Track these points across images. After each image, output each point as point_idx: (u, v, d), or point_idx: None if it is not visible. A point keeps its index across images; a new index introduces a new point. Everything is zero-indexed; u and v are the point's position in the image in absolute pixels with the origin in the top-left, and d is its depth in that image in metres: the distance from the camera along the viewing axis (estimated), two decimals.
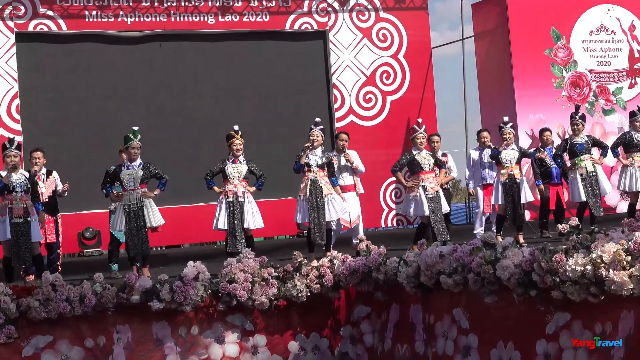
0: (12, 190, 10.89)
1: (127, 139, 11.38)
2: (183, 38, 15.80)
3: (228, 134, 11.79)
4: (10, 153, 11.00)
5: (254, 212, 11.76)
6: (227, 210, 11.57)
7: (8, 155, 11.00)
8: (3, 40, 14.48)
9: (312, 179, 11.87)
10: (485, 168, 13.91)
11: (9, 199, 10.90)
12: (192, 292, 9.41)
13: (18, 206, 10.87)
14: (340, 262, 10.11)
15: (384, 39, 16.95)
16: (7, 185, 10.82)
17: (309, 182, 11.87)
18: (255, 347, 9.87)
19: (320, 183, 11.90)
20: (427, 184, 12.35)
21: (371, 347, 10.06)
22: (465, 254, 8.45)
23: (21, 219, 10.85)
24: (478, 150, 14.22)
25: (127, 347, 9.40)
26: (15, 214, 10.84)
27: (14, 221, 10.82)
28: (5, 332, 8.92)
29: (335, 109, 16.54)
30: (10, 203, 10.89)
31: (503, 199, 12.64)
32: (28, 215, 10.94)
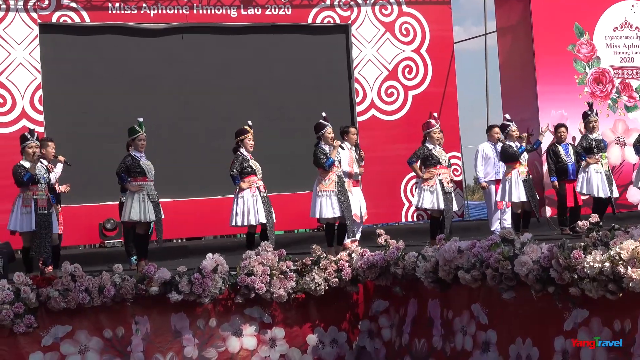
0: (37, 182, 10.89)
1: (133, 131, 11.36)
2: (205, 31, 15.83)
3: (241, 129, 11.81)
4: (31, 144, 10.97)
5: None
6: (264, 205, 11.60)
7: (30, 147, 10.96)
8: (27, 32, 14.55)
9: (338, 174, 11.89)
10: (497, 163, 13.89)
11: (34, 190, 10.88)
12: (210, 285, 9.43)
13: (42, 197, 10.85)
14: (359, 256, 10.12)
15: (406, 34, 16.92)
16: (34, 177, 10.83)
17: (336, 178, 11.86)
18: (273, 340, 9.89)
19: (343, 178, 11.96)
20: (444, 178, 12.34)
21: (389, 341, 10.06)
22: (484, 249, 8.42)
23: (45, 211, 10.87)
24: (492, 145, 14.18)
25: (146, 338, 9.43)
26: (40, 205, 10.84)
27: (40, 213, 10.83)
28: (25, 322, 8.96)
29: (357, 103, 16.54)
30: (35, 194, 10.90)
31: (526, 195, 12.61)
32: (50, 206, 10.97)
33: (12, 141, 13.81)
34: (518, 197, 12.71)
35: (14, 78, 14.42)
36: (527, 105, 16.49)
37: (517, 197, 12.72)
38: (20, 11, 14.48)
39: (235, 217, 11.72)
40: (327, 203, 11.87)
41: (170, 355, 9.50)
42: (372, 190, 15.00)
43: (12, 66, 14.43)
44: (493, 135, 14.12)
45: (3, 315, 8.85)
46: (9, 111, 14.37)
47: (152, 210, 11.20)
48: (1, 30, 14.37)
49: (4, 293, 8.93)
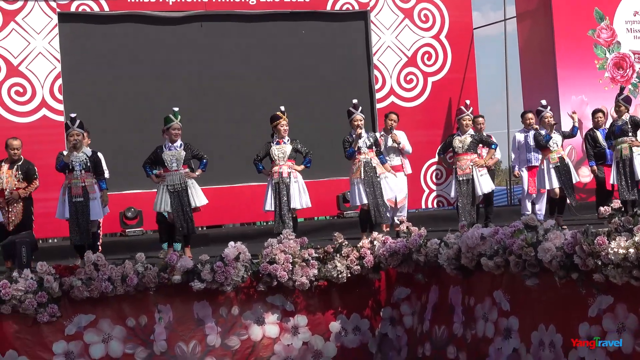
0: (72, 170, 10.94)
1: (167, 120, 11.40)
2: (224, 19, 15.79)
3: (274, 115, 11.80)
4: (72, 132, 11.03)
5: (300, 191, 11.81)
6: (272, 192, 11.60)
7: (71, 134, 11.03)
8: (46, 21, 14.56)
9: (364, 161, 11.89)
10: (530, 150, 13.85)
11: (69, 177, 10.98)
12: (232, 273, 9.44)
13: (77, 185, 10.93)
14: (381, 244, 10.11)
15: (425, 20, 16.85)
16: (67, 164, 10.88)
17: (362, 164, 11.87)
18: (295, 328, 9.89)
19: (373, 163, 11.94)
20: (458, 166, 12.40)
21: (410, 328, 10.06)
22: (507, 236, 8.39)
23: (81, 198, 10.91)
24: (523, 133, 14.16)
25: (168, 326, 9.46)
26: (74, 192, 10.90)
27: (74, 200, 10.89)
28: (49, 311, 9.01)
29: (376, 90, 16.49)
30: (69, 182, 10.96)
31: (558, 182, 12.58)
32: (87, 194, 11.00)
33: (33, 130, 13.96)
34: (550, 184, 12.69)
35: (33, 67, 14.43)
36: (547, 90, 16.39)
37: (549, 184, 12.70)
38: (40, 0, 14.49)
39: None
40: (355, 190, 11.96)
41: (193, 343, 9.53)
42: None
43: (31, 55, 14.44)
44: (525, 122, 14.13)
45: (27, 305, 8.90)
46: (29, 100, 14.39)
47: (168, 202, 11.22)
48: (20, 20, 14.37)
49: (28, 282, 8.97)
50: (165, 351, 9.42)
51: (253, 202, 14.57)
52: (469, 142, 12.49)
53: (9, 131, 13.11)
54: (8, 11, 14.31)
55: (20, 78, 14.34)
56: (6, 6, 14.29)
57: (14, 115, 14.25)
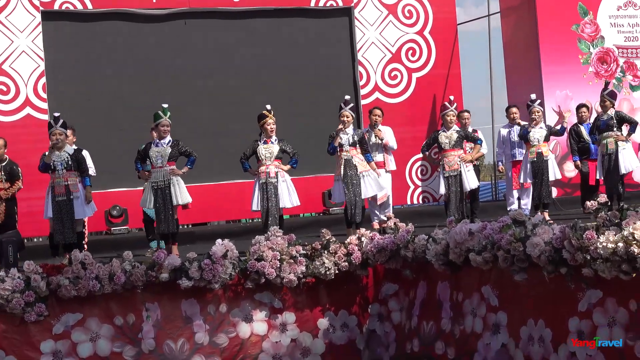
0: (54, 169, 10.91)
1: (156, 117, 11.31)
2: (208, 16, 15.76)
3: (260, 114, 11.71)
4: (55, 131, 10.98)
5: (289, 190, 11.73)
6: (259, 192, 11.52)
7: (53, 134, 10.98)
8: (29, 19, 14.48)
9: (345, 158, 11.83)
10: (515, 145, 13.87)
11: (52, 177, 10.96)
12: (220, 270, 9.42)
13: (59, 184, 10.89)
14: (369, 240, 10.10)
15: (409, 16, 16.86)
16: (49, 165, 10.83)
17: (343, 162, 11.84)
18: (284, 325, 9.88)
19: (354, 161, 11.86)
20: (445, 162, 12.38)
21: (399, 324, 10.06)
22: (495, 231, 8.40)
23: (64, 197, 10.87)
24: (507, 127, 14.19)
25: (157, 324, 9.44)
26: (57, 192, 10.86)
27: (57, 200, 10.85)
28: (36, 310, 8.97)
29: (361, 86, 16.50)
30: (52, 182, 10.93)
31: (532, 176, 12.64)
32: (70, 193, 10.95)
33: (17, 129, 13.90)
34: (524, 178, 12.79)
35: (17, 66, 14.37)
36: (531, 86, 16.42)
37: (523, 178, 12.82)
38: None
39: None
40: (337, 187, 11.97)
41: (182, 341, 9.51)
42: None
43: (15, 54, 14.38)
44: (509, 116, 14.16)
45: (14, 304, 8.87)
46: (13, 99, 14.32)
47: (151, 199, 11.16)
48: (3, 18, 14.30)
49: (15, 282, 8.93)
50: (154, 349, 9.40)
51: (239, 200, 14.56)
52: (455, 138, 12.50)
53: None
54: None
55: (3, 77, 14.28)
56: None
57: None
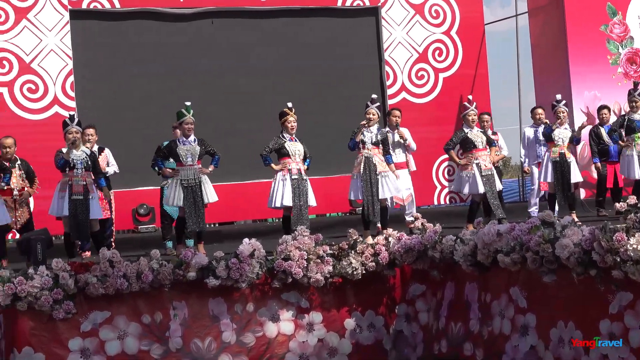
0: (73, 167, 10.91)
1: (180, 115, 11.31)
2: (235, 15, 15.80)
3: (282, 111, 11.69)
4: (71, 129, 10.98)
5: (310, 190, 11.73)
6: (292, 188, 11.44)
7: (70, 132, 10.97)
8: (57, 18, 14.56)
9: (366, 156, 11.74)
10: (540, 146, 13.79)
11: (70, 175, 10.92)
12: (247, 270, 9.43)
13: (78, 183, 10.87)
14: (396, 240, 10.08)
15: (436, 16, 16.84)
16: (68, 162, 10.84)
17: (363, 159, 11.75)
18: (310, 325, 9.88)
19: (375, 160, 11.76)
20: (481, 161, 12.22)
21: (426, 325, 10.04)
22: (524, 232, 8.36)
23: (81, 196, 10.87)
24: (533, 128, 14.12)
25: (184, 323, 9.46)
26: (75, 190, 10.83)
27: (73, 198, 10.85)
28: (64, 308, 9.01)
29: (388, 86, 16.49)
30: (70, 180, 10.92)
31: (553, 177, 12.54)
32: (88, 192, 10.95)
33: (45, 127, 13.97)
34: (545, 177, 12.69)
35: (45, 65, 14.45)
36: (559, 86, 16.32)
37: (544, 177, 12.72)
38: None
39: (269, 199, 11.65)
40: (353, 185, 11.85)
41: (209, 340, 9.52)
42: None
43: (43, 53, 14.45)
44: (535, 117, 14.07)
45: (42, 302, 8.90)
46: (41, 98, 14.40)
47: (180, 197, 11.13)
48: (32, 17, 14.38)
49: (43, 279, 8.97)
50: (181, 348, 9.41)
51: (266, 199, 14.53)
52: (485, 138, 12.41)
53: (22, 128, 13.17)
54: (20, 8, 14.32)
55: (32, 75, 14.36)
56: (18, 3, 14.30)
57: (26, 112, 14.27)
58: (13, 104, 14.18)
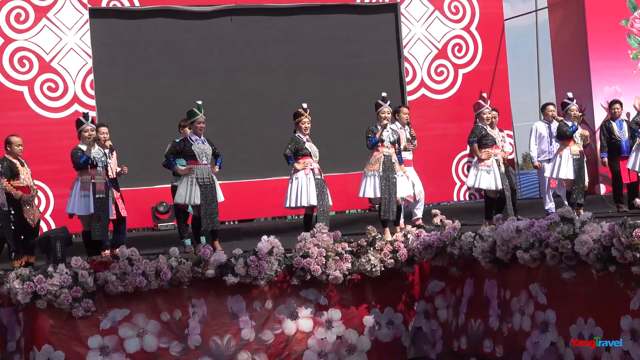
0: (95, 165, 10.89)
1: (192, 114, 11.27)
2: (254, 12, 15.80)
3: (296, 112, 11.70)
4: (87, 127, 10.93)
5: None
6: (316, 187, 11.46)
7: (85, 130, 10.90)
8: (77, 17, 14.60)
9: (385, 155, 11.73)
10: (552, 142, 13.72)
11: (92, 173, 10.83)
12: (266, 267, 9.44)
13: (100, 181, 10.83)
14: (415, 237, 10.06)
15: (455, 11, 16.80)
16: (90, 159, 10.82)
17: (382, 158, 11.71)
18: (329, 322, 9.88)
19: (393, 159, 11.77)
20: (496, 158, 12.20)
21: (445, 322, 10.02)
22: (543, 228, 8.33)
23: (104, 195, 10.85)
24: (544, 124, 14.04)
25: (203, 320, 9.48)
26: (98, 189, 10.80)
27: (97, 196, 10.80)
28: (83, 306, 9.05)
29: (407, 82, 16.45)
30: (93, 178, 10.86)
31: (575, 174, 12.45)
32: (108, 190, 10.93)
33: (65, 126, 14.00)
34: (565, 174, 12.57)
35: (65, 63, 14.49)
36: (579, 81, 16.29)
37: (565, 174, 12.59)
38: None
39: (288, 199, 11.62)
40: (370, 183, 11.76)
41: (228, 337, 9.54)
42: (423, 169, 14.91)
43: (63, 51, 14.50)
44: (547, 114, 13.98)
45: (62, 300, 8.95)
46: (61, 96, 14.44)
47: (198, 194, 11.13)
48: (52, 16, 14.42)
49: (62, 277, 9.01)
50: (200, 345, 9.44)
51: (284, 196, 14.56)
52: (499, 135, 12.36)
53: (42, 126, 13.22)
54: (39, 7, 14.37)
55: (52, 74, 14.39)
56: (38, 2, 14.34)
57: (46, 111, 14.31)
58: (33, 103, 14.23)
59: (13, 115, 13.65)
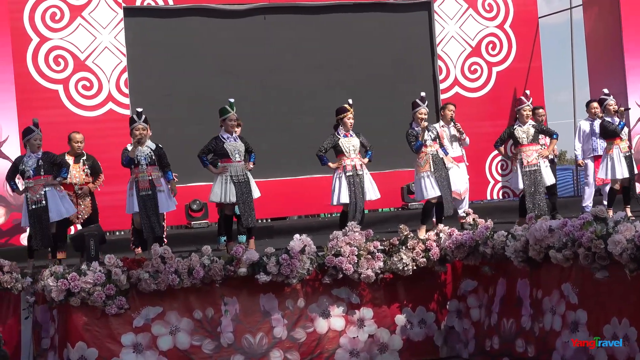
0: (138, 164, 10.92)
1: (224, 111, 11.30)
2: (287, 11, 15.84)
3: (341, 107, 11.72)
4: (138, 126, 10.94)
5: (371, 183, 11.75)
6: (348, 185, 11.50)
7: (136, 129, 10.94)
8: (112, 16, 14.71)
9: (431, 153, 11.70)
10: (596, 139, 13.64)
11: (135, 172, 10.90)
12: (298, 265, 9.45)
13: (144, 179, 10.87)
14: (447, 236, 10.04)
15: (489, 9, 16.74)
16: (132, 159, 10.89)
17: (430, 157, 11.69)
18: (361, 320, 9.88)
19: (440, 155, 11.75)
20: (524, 157, 12.14)
21: (477, 321, 9.99)
22: (576, 228, 8.27)
23: (149, 192, 10.89)
24: (588, 121, 13.97)
25: (235, 318, 9.51)
26: (142, 187, 10.81)
27: (142, 194, 10.84)
28: (117, 304, 9.12)
29: (440, 80, 16.42)
30: (136, 176, 10.90)
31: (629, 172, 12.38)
32: (154, 187, 10.94)
33: (100, 124, 14.13)
34: (622, 173, 12.49)
35: (100, 62, 14.61)
36: (614, 79, 16.14)
37: (621, 173, 12.50)
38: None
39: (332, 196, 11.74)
40: (429, 183, 11.73)
41: (260, 335, 9.57)
42: None
43: (97, 50, 14.61)
44: (590, 111, 13.93)
45: (95, 297, 9.02)
46: (96, 95, 14.56)
47: (233, 192, 11.18)
48: (87, 15, 14.54)
49: (96, 275, 9.09)
50: (232, 343, 9.48)
51: (317, 194, 14.60)
52: (532, 133, 12.29)
53: (77, 125, 13.27)
54: (75, 6, 14.49)
55: (87, 72, 14.52)
56: (73, 1, 14.47)
57: (81, 109, 14.44)
58: (68, 101, 14.36)
59: (49, 113, 13.73)
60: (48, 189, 10.84)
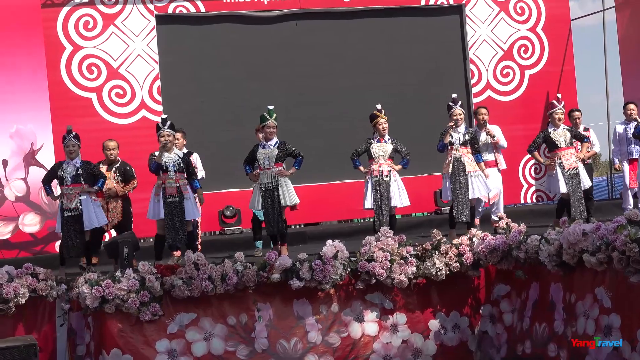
0: (166, 170, 10.96)
1: (262, 119, 11.43)
2: (318, 16, 15.84)
3: (372, 114, 11.79)
4: (163, 132, 10.96)
5: (400, 190, 11.75)
6: (372, 190, 11.56)
7: (162, 135, 10.96)
8: (144, 23, 14.79)
9: (454, 157, 11.75)
10: (632, 142, 13.56)
11: (163, 178, 10.91)
12: (331, 271, 9.48)
13: (171, 185, 10.85)
14: (480, 241, 10.02)
15: (521, 12, 16.67)
16: (160, 165, 10.93)
17: (452, 160, 11.76)
18: (395, 326, 9.89)
19: (464, 160, 11.76)
20: (564, 160, 12.07)
21: (510, 326, 9.97)
22: (609, 232, 8.24)
23: (176, 198, 10.90)
24: (623, 125, 13.88)
25: (269, 324, 9.56)
26: (169, 193, 10.82)
27: (169, 201, 10.84)
28: (151, 310, 9.19)
29: (472, 84, 16.37)
30: (163, 183, 10.92)
31: None
32: (182, 194, 10.94)
33: (133, 132, 14.20)
34: None
35: (133, 69, 14.68)
36: None
37: None
38: (138, 3, 14.72)
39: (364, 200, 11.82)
40: (444, 186, 11.87)
41: (294, 340, 9.62)
42: None
43: (130, 57, 14.68)
44: (626, 112, 13.85)
45: (129, 304, 9.09)
46: (129, 102, 14.63)
47: (259, 200, 11.28)
48: (120, 23, 14.62)
49: (130, 282, 9.16)
50: (267, 348, 9.53)
51: (350, 200, 14.60)
52: (569, 136, 12.22)
53: (110, 132, 13.35)
54: (108, 15, 14.57)
55: (120, 80, 14.59)
56: (106, 10, 14.55)
57: (114, 117, 14.51)
58: (102, 109, 14.44)
59: (82, 121, 13.78)
60: (83, 197, 10.92)
